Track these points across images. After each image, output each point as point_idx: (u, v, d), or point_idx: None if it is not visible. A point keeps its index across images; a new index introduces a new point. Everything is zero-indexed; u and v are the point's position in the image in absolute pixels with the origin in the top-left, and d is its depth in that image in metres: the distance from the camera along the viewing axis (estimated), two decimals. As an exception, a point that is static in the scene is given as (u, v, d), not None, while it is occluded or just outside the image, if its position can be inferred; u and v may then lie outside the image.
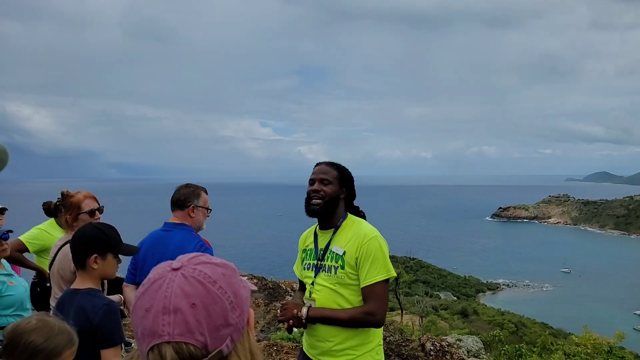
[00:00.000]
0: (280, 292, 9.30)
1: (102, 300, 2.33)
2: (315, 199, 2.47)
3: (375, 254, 2.36)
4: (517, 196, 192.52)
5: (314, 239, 2.61)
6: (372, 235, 2.40)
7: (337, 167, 2.54)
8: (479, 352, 7.27)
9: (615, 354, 9.88)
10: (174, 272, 0.90)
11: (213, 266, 0.92)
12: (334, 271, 2.43)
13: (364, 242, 2.38)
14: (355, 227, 2.47)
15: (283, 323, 2.44)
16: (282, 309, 2.45)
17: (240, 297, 0.92)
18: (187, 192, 3.16)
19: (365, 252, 2.36)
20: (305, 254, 2.66)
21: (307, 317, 2.37)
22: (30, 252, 3.89)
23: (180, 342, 0.85)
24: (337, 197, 2.48)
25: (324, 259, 2.49)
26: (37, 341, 1.72)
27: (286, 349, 5.74)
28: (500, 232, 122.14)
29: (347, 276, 2.39)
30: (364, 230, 2.43)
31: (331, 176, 2.49)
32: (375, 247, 2.37)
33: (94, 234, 2.40)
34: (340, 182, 2.50)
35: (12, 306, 3.04)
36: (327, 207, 2.47)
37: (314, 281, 2.52)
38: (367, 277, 2.35)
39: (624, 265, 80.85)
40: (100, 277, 2.43)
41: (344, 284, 2.40)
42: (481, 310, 37.96)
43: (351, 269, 2.39)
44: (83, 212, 3.15)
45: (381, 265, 2.36)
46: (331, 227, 2.53)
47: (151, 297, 0.88)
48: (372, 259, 2.35)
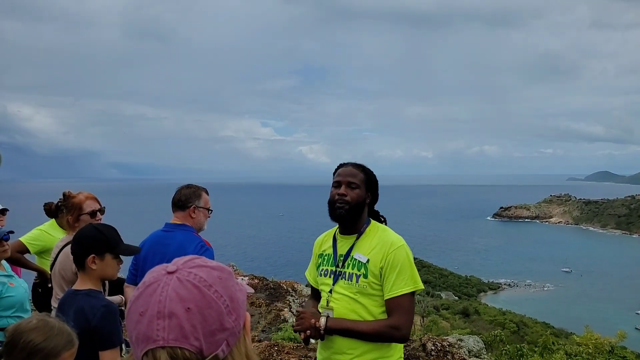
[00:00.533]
0: (282, 292, 9.30)
1: (100, 301, 2.33)
2: (340, 203, 2.32)
3: (402, 264, 2.22)
4: (518, 196, 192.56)
5: (333, 243, 2.45)
6: (399, 244, 2.27)
7: (364, 169, 2.40)
8: (480, 352, 7.26)
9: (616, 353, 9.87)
10: (169, 276, 0.88)
11: (209, 269, 0.91)
12: (355, 279, 2.27)
13: (391, 251, 2.24)
14: (381, 234, 2.33)
15: (300, 333, 2.28)
16: (299, 318, 2.29)
17: (236, 300, 0.91)
18: (188, 192, 3.15)
19: (392, 261, 2.22)
20: (321, 259, 2.49)
21: (325, 328, 2.21)
22: (31, 253, 3.89)
23: (175, 347, 0.84)
24: (364, 201, 2.35)
25: (344, 265, 2.33)
26: (36, 340, 1.73)
27: (287, 349, 5.74)
28: (502, 231, 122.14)
29: (370, 286, 2.24)
30: (391, 238, 2.30)
31: (358, 179, 2.34)
32: (402, 257, 2.24)
33: (91, 234, 2.40)
34: (367, 185, 2.37)
35: (12, 307, 3.04)
36: (353, 212, 2.32)
37: (332, 289, 2.35)
38: (392, 289, 2.21)
39: (626, 264, 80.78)
40: (99, 277, 2.43)
41: (365, 293, 2.25)
42: (482, 310, 38.00)
43: (375, 278, 2.24)
44: (84, 213, 3.15)
45: (408, 277, 2.22)
46: (354, 232, 2.37)
47: (146, 301, 0.87)
48: (399, 270, 2.21)
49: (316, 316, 2.25)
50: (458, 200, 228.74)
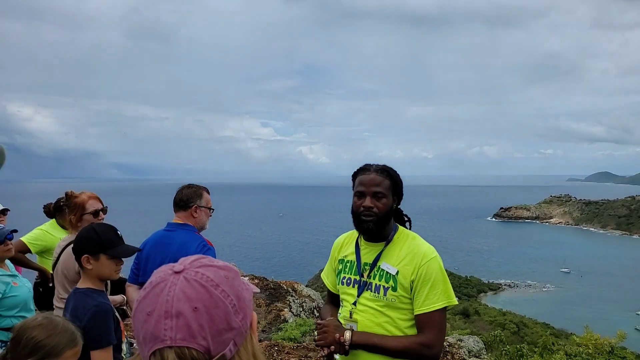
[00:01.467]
0: (282, 292, 9.31)
1: (93, 300, 2.32)
2: (366, 217, 2.12)
3: (435, 277, 2.06)
4: (518, 196, 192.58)
5: (356, 250, 2.25)
6: (432, 256, 2.10)
7: (389, 174, 2.17)
8: (480, 353, 7.27)
9: (616, 354, 9.87)
10: (175, 276, 0.88)
11: (215, 269, 0.91)
12: (382, 292, 2.10)
13: (423, 263, 2.07)
14: (411, 244, 2.14)
15: (322, 349, 2.08)
16: (322, 331, 2.09)
17: (243, 300, 0.91)
18: (189, 192, 3.17)
19: (425, 274, 2.05)
20: (342, 265, 2.29)
21: (350, 343, 2.03)
22: (32, 252, 3.91)
23: (182, 347, 0.84)
24: (391, 209, 2.16)
25: (370, 276, 2.15)
26: (39, 337, 1.75)
27: (287, 349, 5.74)
28: (502, 232, 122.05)
29: (399, 299, 2.08)
30: (422, 248, 2.11)
31: (384, 187, 2.13)
32: (435, 270, 2.07)
33: (86, 234, 2.41)
34: (394, 191, 2.17)
35: (16, 307, 3.05)
36: (382, 223, 2.14)
37: (356, 300, 2.17)
38: (424, 304, 2.05)
39: (626, 265, 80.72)
40: (97, 277, 2.42)
41: (394, 307, 2.08)
42: (482, 310, 37.99)
43: (405, 291, 2.07)
44: (87, 213, 3.17)
45: (441, 291, 2.06)
46: (381, 239, 2.18)
47: (153, 301, 0.87)
48: (432, 283, 2.05)
49: (340, 330, 2.07)
50: (458, 200, 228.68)
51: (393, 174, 2.19)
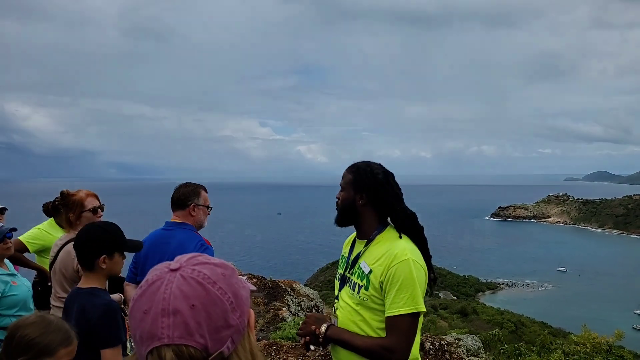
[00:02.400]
0: (280, 291, 9.31)
1: (102, 300, 2.33)
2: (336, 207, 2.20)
3: (403, 280, 1.97)
4: (516, 196, 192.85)
5: (351, 247, 2.30)
6: (403, 258, 2.00)
7: (356, 169, 2.18)
8: (478, 351, 7.28)
9: (614, 353, 9.89)
10: (172, 273, 0.88)
11: (212, 266, 0.90)
12: (357, 290, 2.11)
13: (393, 265, 2.00)
14: (389, 244, 2.08)
15: (301, 338, 2.19)
16: (303, 322, 2.20)
17: (240, 297, 0.91)
18: (187, 191, 3.16)
19: (393, 276, 1.99)
20: (341, 260, 2.36)
21: (324, 337, 2.09)
22: (30, 252, 3.90)
23: (180, 345, 0.84)
24: (352, 204, 2.15)
25: (352, 272, 2.19)
26: (31, 335, 1.73)
27: (285, 348, 5.75)
28: (500, 231, 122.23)
29: (371, 299, 2.06)
30: (397, 249, 2.03)
31: (345, 181, 2.18)
32: (404, 273, 1.98)
33: (100, 234, 2.40)
34: (356, 186, 2.14)
35: (16, 306, 3.05)
36: (342, 215, 2.19)
37: (338, 295, 2.25)
38: (390, 307, 1.99)
39: (623, 264, 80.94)
40: (107, 276, 2.45)
41: (366, 306, 2.08)
42: (480, 309, 38.04)
43: (376, 292, 2.04)
44: (86, 210, 3.17)
45: (409, 296, 1.97)
46: (364, 237, 2.20)
47: (149, 299, 0.86)
48: (400, 286, 1.97)
49: (319, 322, 2.13)
50: (456, 200, 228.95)
51: (361, 170, 2.16)
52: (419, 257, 2.06)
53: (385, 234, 2.15)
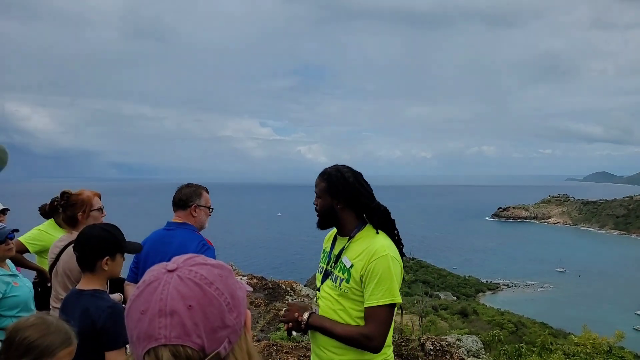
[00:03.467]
0: (280, 292, 9.31)
1: (106, 302, 2.33)
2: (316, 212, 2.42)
3: (382, 274, 2.18)
4: (516, 196, 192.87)
5: (332, 242, 2.51)
6: (382, 254, 2.21)
7: (328, 177, 2.36)
8: (479, 352, 7.29)
9: (614, 353, 9.88)
10: (169, 274, 0.88)
11: (209, 267, 0.91)
12: (338, 282, 2.31)
13: (372, 260, 2.20)
14: (369, 241, 2.29)
15: (284, 324, 2.39)
16: (286, 310, 2.38)
17: (237, 298, 0.91)
18: (188, 191, 3.18)
19: (372, 270, 2.19)
20: (323, 255, 2.56)
21: (306, 324, 2.28)
22: (30, 252, 3.89)
23: (177, 345, 0.84)
24: (331, 209, 2.35)
25: (335, 267, 2.38)
26: (32, 337, 1.73)
27: (286, 349, 5.75)
28: (500, 232, 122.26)
29: (351, 291, 2.26)
30: (376, 246, 2.24)
31: (319, 189, 2.38)
32: (383, 267, 2.18)
33: (103, 236, 2.39)
34: (331, 193, 2.33)
35: (17, 307, 3.04)
36: (323, 219, 2.41)
37: (320, 287, 2.46)
38: (370, 298, 2.20)
39: (624, 265, 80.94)
40: (108, 277, 2.46)
41: (347, 297, 2.28)
42: (481, 310, 38.05)
43: (356, 284, 2.25)
44: (94, 209, 3.20)
45: (386, 289, 2.17)
46: (345, 235, 2.41)
47: (146, 299, 0.86)
48: (378, 280, 2.18)
49: (302, 310, 2.32)
50: (457, 200, 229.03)
51: (332, 178, 2.34)
52: (395, 253, 2.27)
53: (365, 231, 2.35)
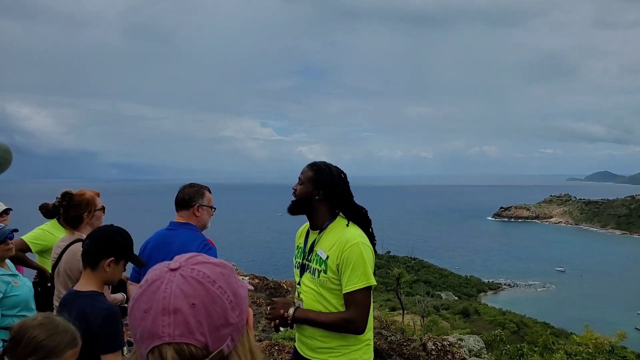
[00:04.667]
0: (282, 292, 9.31)
1: (103, 304, 2.32)
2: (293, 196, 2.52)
3: (355, 261, 2.32)
4: (518, 196, 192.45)
5: (305, 237, 2.62)
6: (354, 242, 2.35)
7: (317, 168, 2.49)
8: (481, 352, 7.28)
9: (617, 353, 9.89)
10: (172, 273, 0.89)
11: (211, 266, 0.92)
12: (317, 274, 2.44)
13: (346, 249, 2.34)
14: (340, 232, 2.42)
15: (270, 322, 2.48)
16: (271, 307, 2.48)
17: (239, 296, 0.92)
18: (191, 191, 3.19)
19: (346, 258, 2.33)
20: (297, 250, 2.68)
21: (292, 318, 2.40)
22: (32, 252, 3.89)
23: (181, 343, 0.84)
24: (309, 198, 2.46)
25: (310, 259, 2.50)
26: (40, 337, 1.74)
27: (287, 349, 5.75)
28: (502, 231, 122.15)
29: (330, 281, 2.39)
30: (347, 235, 2.39)
31: (305, 177, 2.49)
32: (356, 254, 2.33)
33: (116, 237, 2.40)
34: (315, 183, 2.45)
35: (17, 306, 3.05)
36: (297, 207, 2.51)
37: (300, 281, 2.56)
38: (347, 284, 2.33)
39: (626, 265, 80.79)
40: (107, 281, 2.44)
41: (326, 287, 2.41)
42: (482, 310, 38.03)
43: (333, 274, 2.38)
44: (98, 209, 3.22)
45: (361, 273, 2.32)
46: (316, 228, 2.53)
47: (150, 298, 0.87)
48: (353, 266, 2.32)
49: (286, 306, 2.43)
50: (458, 200, 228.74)
51: (321, 169, 2.47)
52: (366, 239, 2.42)
53: (336, 223, 2.49)
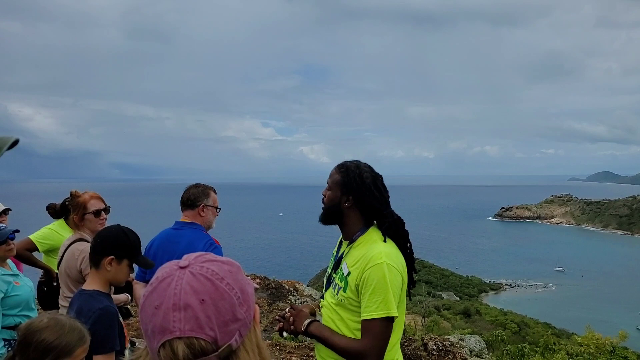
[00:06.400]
0: (283, 292, 9.33)
1: (99, 303, 2.29)
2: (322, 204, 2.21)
3: (376, 284, 1.97)
4: (519, 196, 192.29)
5: (338, 247, 2.31)
6: (378, 262, 1.98)
7: (345, 171, 2.15)
8: (482, 352, 7.29)
9: (618, 353, 9.89)
10: (181, 270, 0.92)
11: (219, 264, 0.95)
12: (337, 290, 2.14)
13: (367, 268, 2.00)
14: (368, 247, 2.07)
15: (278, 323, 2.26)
16: (288, 310, 2.24)
17: (246, 293, 0.95)
18: (196, 191, 3.22)
19: (367, 280, 1.99)
20: (331, 259, 2.36)
21: (305, 331, 2.13)
22: (39, 251, 3.91)
23: (191, 338, 0.87)
24: (337, 205, 2.14)
25: (336, 273, 2.20)
26: (49, 339, 1.75)
27: (289, 349, 5.76)
28: (503, 232, 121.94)
29: (348, 301, 2.07)
30: (373, 252, 2.02)
31: (333, 180, 2.17)
32: (378, 277, 1.97)
33: (117, 236, 2.39)
34: (343, 188, 2.13)
35: (19, 306, 3.07)
36: (326, 215, 2.19)
37: (323, 294, 2.29)
38: (365, 310, 2.00)
39: (627, 265, 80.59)
40: (110, 280, 2.42)
41: (344, 307, 2.10)
42: (484, 310, 37.93)
43: (353, 294, 2.06)
44: (89, 212, 3.20)
45: (381, 300, 1.96)
46: (347, 238, 2.21)
47: (160, 294, 0.90)
48: (373, 290, 1.97)
49: (301, 318, 2.15)
50: (459, 200, 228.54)
51: (350, 171, 2.14)
52: (395, 261, 2.03)
53: (367, 235, 2.14)
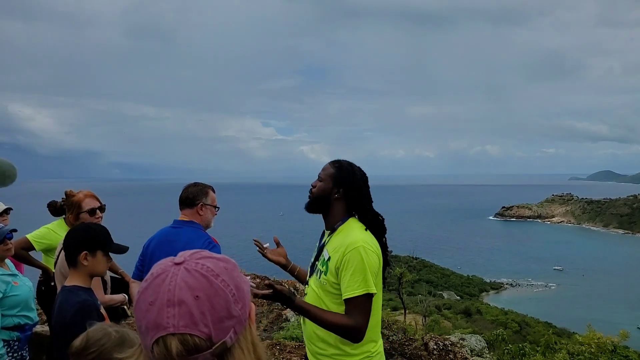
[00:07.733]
0: (283, 291, 9.30)
1: (77, 297, 2.33)
2: (309, 194, 2.42)
3: (356, 265, 2.19)
4: (520, 195, 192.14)
5: (321, 237, 2.53)
6: (356, 245, 2.22)
7: (340, 165, 2.38)
8: (483, 351, 7.27)
9: (619, 353, 9.86)
10: (176, 267, 0.91)
11: (215, 260, 0.94)
12: (319, 275, 2.35)
13: (347, 252, 2.22)
14: (347, 233, 2.30)
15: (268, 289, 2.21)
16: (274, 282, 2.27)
17: (241, 290, 0.94)
18: (195, 190, 3.21)
19: (347, 262, 2.21)
20: (315, 249, 2.57)
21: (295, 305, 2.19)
22: (36, 250, 3.90)
23: (185, 334, 0.86)
24: (327, 196, 2.36)
25: (318, 260, 2.42)
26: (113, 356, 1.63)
27: (289, 349, 5.75)
28: (504, 231, 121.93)
29: (329, 284, 2.28)
30: (351, 238, 2.25)
31: (326, 173, 2.38)
32: (356, 259, 2.20)
33: (83, 232, 2.49)
34: (335, 181, 2.35)
35: (17, 306, 3.06)
36: (314, 204, 2.40)
37: (308, 280, 2.49)
38: (346, 290, 2.21)
39: (628, 264, 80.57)
40: (90, 274, 2.49)
41: (325, 290, 2.30)
42: (484, 309, 37.97)
43: (333, 277, 2.27)
44: (83, 211, 3.21)
45: (361, 280, 2.18)
46: (329, 228, 2.44)
47: (155, 290, 0.89)
48: (353, 271, 2.19)
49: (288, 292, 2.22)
50: (460, 199, 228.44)
51: (343, 167, 2.37)
52: (371, 244, 2.26)
53: (347, 224, 2.36)
